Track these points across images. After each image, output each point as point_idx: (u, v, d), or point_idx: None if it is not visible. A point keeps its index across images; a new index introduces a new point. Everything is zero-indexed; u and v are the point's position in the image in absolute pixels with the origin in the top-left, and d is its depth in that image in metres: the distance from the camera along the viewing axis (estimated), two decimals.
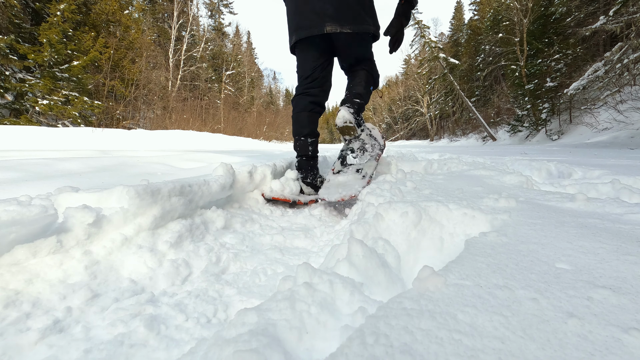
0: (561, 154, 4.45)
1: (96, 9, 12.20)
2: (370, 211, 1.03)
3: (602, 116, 9.93)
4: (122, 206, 0.96)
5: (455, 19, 33.51)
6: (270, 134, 20.65)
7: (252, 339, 0.41)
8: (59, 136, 5.90)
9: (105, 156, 2.74)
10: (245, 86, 28.85)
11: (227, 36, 29.26)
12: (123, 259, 0.89)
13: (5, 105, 9.12)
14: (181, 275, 0.91)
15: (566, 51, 12.07)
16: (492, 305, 0.42)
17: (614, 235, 0.64)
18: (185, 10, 21.23)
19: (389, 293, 0.61)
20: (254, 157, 3.17)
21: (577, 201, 0.93)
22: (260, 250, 1.12)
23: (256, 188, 1.74)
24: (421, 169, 2.43)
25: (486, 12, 22.95)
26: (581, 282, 0.47)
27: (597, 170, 1.81)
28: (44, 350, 0.59)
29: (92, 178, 1.50)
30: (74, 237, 0.83)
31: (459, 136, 24.30)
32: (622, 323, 0.37)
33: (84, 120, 10.36)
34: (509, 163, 2.52)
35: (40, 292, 0.72)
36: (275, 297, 0.52)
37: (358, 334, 0.38)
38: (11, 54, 8.94)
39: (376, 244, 0.75)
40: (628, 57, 7.39)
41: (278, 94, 48.51)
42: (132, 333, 0.64)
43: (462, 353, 0.34)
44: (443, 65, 21.50)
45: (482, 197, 1.01)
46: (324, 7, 1.50)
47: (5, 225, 0.72)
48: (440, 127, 30.85)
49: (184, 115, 14.55)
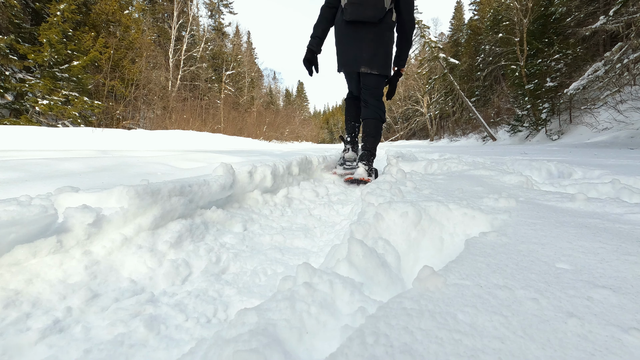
0: (561, 154, 4.45)
1: (96, 9, 12.20)
2: (370, 211, 1.03)
3: (602, 116, 9.93)
4: (122, 206, 0.96)
5: (455, 19, 33.51)
6: (270, 134, 20.64)
7: (252, 339, 0.41)
8: (59, 136, 5.91)
9: (105, 156, 2.74)
10: (245, 86, 28.85)
11: (227, 36, 29.26)
12: (123, 259, 0.89)
13: (5, 105, 9.12)
14: (181, 275, 0.91)
15: (566, 51, 12.07)
16: (492, 305, 0.42)
17: (614, 235, 0.64)
18: (185, 10, 21.23)
19: (389, 293, 0.61)
20: (254, 157, 3.17)
21: (577, 201, 0.93)
22: (260, 250, 1.12)
23: (256, 188, 1.74)
24: (421, 169, 2.43)
25: (486, 12, 22.95)
26: (581, 282, 0.47)
27: (597, 170, 1.81)
28: (44, 350, 0.59)
29: (92, 178, 1.50)
30: (74, 237, 0.83)
31: (459, 136, 24.30)
32: (622, 323, 0.37)
33: (84, 120, 10.36)
34: (509, 163, 2.52)
35: (40, 292, 0.72)
36: (275, 297, 0.52)
37: (358, 334, 0.38)
38: (11, 54, 8.95)
39: (376, 244, 0.75)
40: (628, 57, 7.39)
41: (278, 94, 48.48)
42: (132, 333, 0.64)
43: (462, 353, 0.34)
44: (443, 65, 21.49)
45: (482, 197, 1.01)
46: (362, 54, 2.28)
47: (5, 225, 0.72)
48: (440, 127, 30.85)
49: (184, 115, 14.55)
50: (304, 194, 1.94)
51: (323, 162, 2.72)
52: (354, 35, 2.27)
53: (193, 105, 16.74)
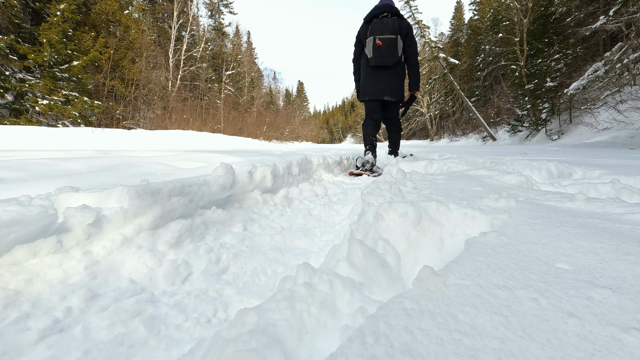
0: (561, 154, 4.45)
1: (96, 9, 12.19)
2: (370, 211, 1.03)
3: (602, 116, 9.93)
4: (122, 206, 0.96)
5: (455, 19, 33.51)
6: (270, 134, 20.64)
7: (252, 339, 0.41)
8: (59, 136, 5.91)
9: (105, 156, 2.74)
10: (245, 86, 28.83)
11: (227, 36, 29.25)
12: (123, 259, 0.89)
13: (5, 105, 9.12)
14: (181, 275, 0.91)
15: (566, 51, 12.07)
16: (492, 305, 0.42)
17: (614, 235, 0.64)
18: (185, 10, 21.22)
19: (389, 293, 0.61)
20: (254, 157, 3.17)
21: (577, 201, 0.93)
22: (260, 250, 1.12)
23: (256, 188, 1.74)
24: (421, 169, 2.43)
25: (486, 12, 22.94)
26: (581, 282, 0.47)
27: (597, 170, 1.81)
28: (44, 350, 0.59)
29: (92, 178, 1.50)
30: (74, 237, 0.83)
31: (459, 136, 24.29)
32: (622, 323, 0.37)
33: (84, 120, 10.36)
34: (509, 163, 2.52)
35: (40, 292, 0.72)
36: (275, 297, 0.52)
37: (358, 334, 0.38)
38: (11, 54, 8.95)
39: (376, 244, 0.75)
40: (628, 57, 7.39)
41: (278, 94, 48.44)
42: (132, 333, 0.64)
43: (462, 353, 0.34)
44: (443, 65, 21.48)
45: (482, 197, 1.01)
46: (384, 87, 3.24)
47: (5, 225, 0.72)
48: (440, 127, 30.84)
49: (184, 115, 14.54)
50: (304, 194, 1.94)
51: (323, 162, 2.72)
52: (376, 76, 3.27)
53: (193, 105, 16.74)
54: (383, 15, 3.18)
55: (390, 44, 3.12)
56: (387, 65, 3.17)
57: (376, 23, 3.17)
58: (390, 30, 3.12)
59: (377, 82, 3.26)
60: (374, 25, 3.17)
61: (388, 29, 3.12)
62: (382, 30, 3.13)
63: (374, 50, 3.14)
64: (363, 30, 3.31)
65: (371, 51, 3.16)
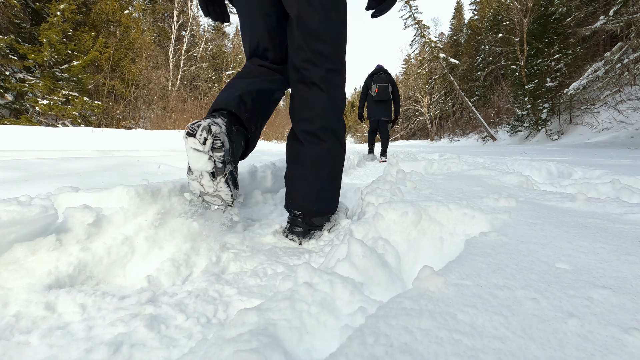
0: (561, 154, 4.45)
1: (96, 9, 12.19)
2: (370, 211, 1.03)
3: (602, 116, 9.93)
4: (122, 206, 0.96)
5: (455, 19, 33.51)
6: (270, 134, 20.63)
7: (252, 338, 0.41)
8: (59, 136, 5.91)
9: (106, 156, 2.74)
10: None
11: (227, 36, 29.24)
12: (123, 259, 0.89)
13: (5, 105, 9.12)
14: (181, 275, 0.91)
15: (566, 51, 12.07)
16: (492, 305, 0.42)
17: (614, 235, 0.65)
18: (185, 10, 21.22)
19: (389, 293, 0.61)
20: (253, 156, 3.17)
21: (577, 201, 0.94)
22: (260, 250, 1.12)
23: (256, 188, 1.74)
24: (421, 169, 2.43)
25: (486, 12, 22.94)
26: (581, 282, 0.47)
27: (597, 170, 1.81)
28: (44, 350, 0.59)
29: (92, 178, 1.50)
30: (74, 237, 0.83)
31: (459, 136, 24.29)
32: (622, 323, 0.37)
33: (84, 120, 10.36)
34: (509, 163, 2.52)
35: (40, 292, 0.72)
36: (275, 297, 0.52)
37: (358, 334, 0.38)
38: (11, 54, 8.95)
39: (376, 243, 0.75)
40: (628, 57, 7.39)
41: None
42: (132, 333, 0.64)
43: (462, 353, 0.34)
44: (443, 65, 21.48)
45: (482, 197, 1.01)
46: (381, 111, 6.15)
47: (5, 225, 0.72)
48: (440, 127, 30.83)
49: (184, 115, 14.54)
50: None
51: None
52: (377, 106, 6.08)
53: (193, 105, 16.72)
54: (379, 73, 6.08)
55: (385, 89, 5.95)
56: (383, 99, 6.00)
57: (376, 77, 6.05)
58: (384, 81, 5.97)
59: (377, 109, 6.07)
60: (375, 78, 6.04)
61: (383, 80, 5.98)
62: (380, 81, 5.97)
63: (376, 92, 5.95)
64: (368, 80, 6.15)
65: (374, 93, 5.96)
